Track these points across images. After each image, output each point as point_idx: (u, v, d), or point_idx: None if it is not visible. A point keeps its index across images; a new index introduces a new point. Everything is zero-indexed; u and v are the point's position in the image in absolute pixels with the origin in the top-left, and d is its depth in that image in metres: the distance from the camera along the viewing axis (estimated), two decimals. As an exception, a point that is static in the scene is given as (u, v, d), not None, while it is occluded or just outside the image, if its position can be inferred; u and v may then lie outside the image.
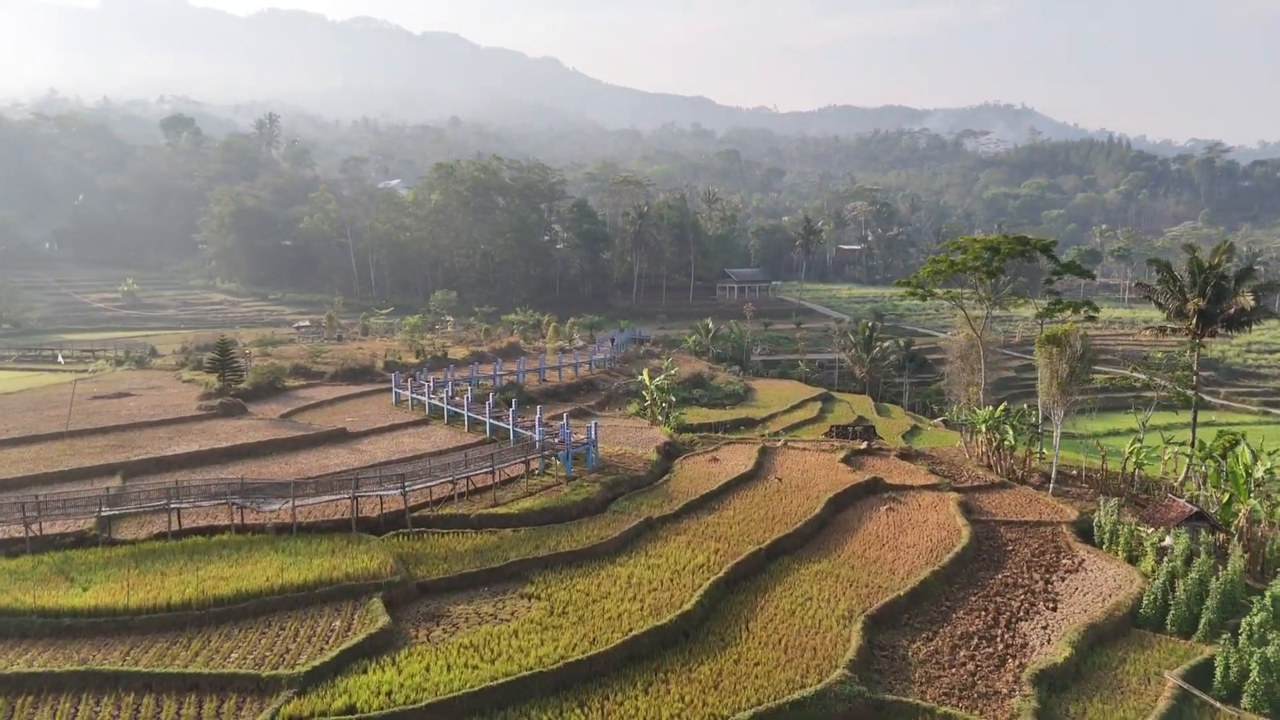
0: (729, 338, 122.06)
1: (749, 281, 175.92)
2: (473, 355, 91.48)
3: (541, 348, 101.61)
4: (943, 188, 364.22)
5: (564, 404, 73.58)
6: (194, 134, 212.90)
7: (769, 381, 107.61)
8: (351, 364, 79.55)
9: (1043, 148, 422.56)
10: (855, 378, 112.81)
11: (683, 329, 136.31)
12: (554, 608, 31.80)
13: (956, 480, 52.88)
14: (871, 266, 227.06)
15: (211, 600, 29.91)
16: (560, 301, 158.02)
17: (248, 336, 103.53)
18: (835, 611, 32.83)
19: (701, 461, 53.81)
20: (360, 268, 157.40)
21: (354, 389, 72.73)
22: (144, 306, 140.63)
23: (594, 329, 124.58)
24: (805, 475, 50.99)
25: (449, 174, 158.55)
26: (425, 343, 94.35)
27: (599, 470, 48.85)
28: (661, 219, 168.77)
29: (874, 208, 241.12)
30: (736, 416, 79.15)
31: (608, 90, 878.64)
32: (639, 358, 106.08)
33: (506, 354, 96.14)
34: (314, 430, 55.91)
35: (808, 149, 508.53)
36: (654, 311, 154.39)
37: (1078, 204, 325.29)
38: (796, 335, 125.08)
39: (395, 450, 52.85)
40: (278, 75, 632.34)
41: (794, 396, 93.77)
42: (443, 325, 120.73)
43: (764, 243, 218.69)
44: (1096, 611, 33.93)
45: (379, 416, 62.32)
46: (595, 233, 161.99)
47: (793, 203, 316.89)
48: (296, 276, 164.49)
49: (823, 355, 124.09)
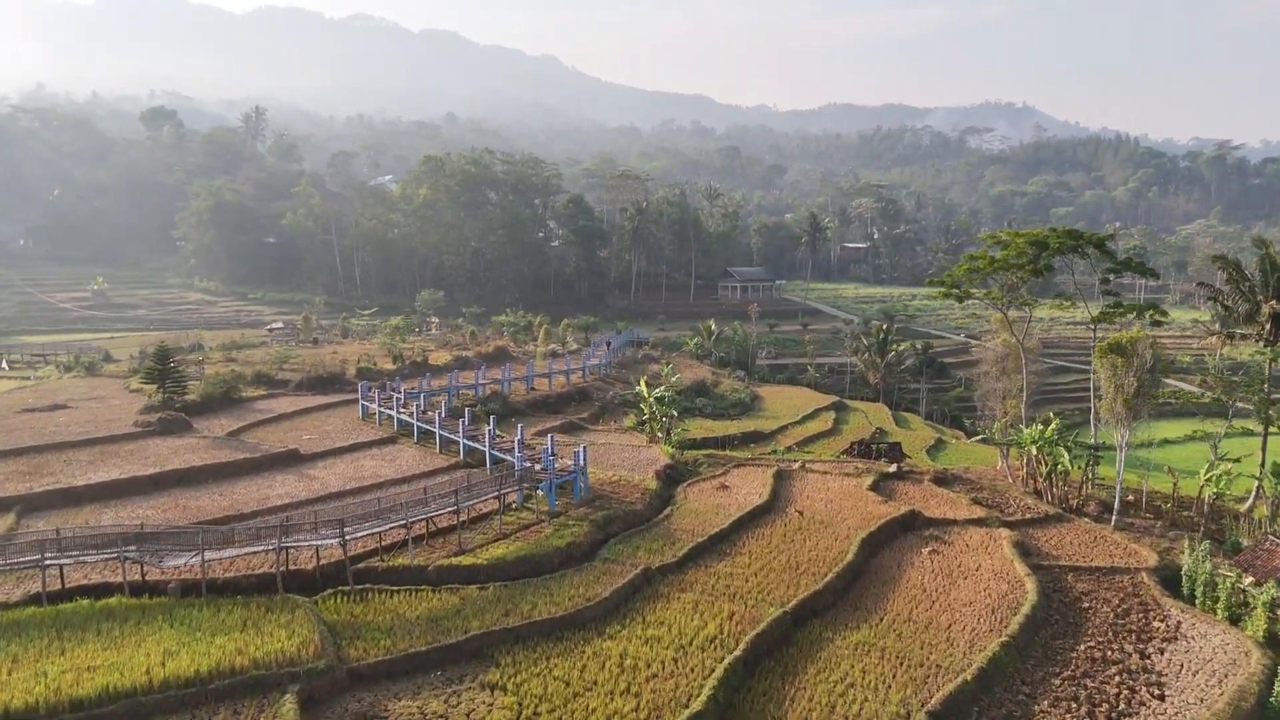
0: (732, 340, 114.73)
1: (752, 280, 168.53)
2: (456, 361, 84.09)
3: (532, 352, 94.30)
4: (947, 185, 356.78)
5: (553, 416, 66.22)
6: (176, 127, 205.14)
7: (776, 388, 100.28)
8: (320, 371, 72.11)
9: (1048, 145, 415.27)
10: (869, 384, 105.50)
11: (683, 330, 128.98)
12: (523, 706, 24.41)
13: (1004, 511, 45.56)
14: (878, 265, 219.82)
15: (66, 704, 22.48)
16: (555, 301, 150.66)
17: (216, 339, 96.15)
18: (887, 705, 25.49)
19: (708, 489, 46.44)
20: (345, 266, 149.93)
21: (320, 400, 65.35)
22: (114, 307, 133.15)
23: (589, 331, 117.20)
24: (830, 507, 43.63)
25: (438, 167, 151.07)
26: (405, 347, 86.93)
27: (588, 503, 41.47)
28: (661, 215, 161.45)
29: (879, 205, 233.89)
30: (744, 429, 71.84)
31: (607, 89, 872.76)
32: (637, 362, 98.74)
33: (493, 359, 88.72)
34: (261, 452, 48.47)
35: (809, 146, 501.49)
36: (653, 312, 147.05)
37: (1086, 202, 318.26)
38: (805, 338, 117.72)
39: (352, 476, 45.48)
40: (274, 73, 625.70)
41: (805, 405, 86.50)
42: (428, 327, 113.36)
43: (766, 241, 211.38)
44: (1217, 701, 26.60)
45: (341, 433, 54.93)
46: (592, 229, 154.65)
47: (795, 200, 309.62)
48: (279, 275, 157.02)
49: (832, 359, 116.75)
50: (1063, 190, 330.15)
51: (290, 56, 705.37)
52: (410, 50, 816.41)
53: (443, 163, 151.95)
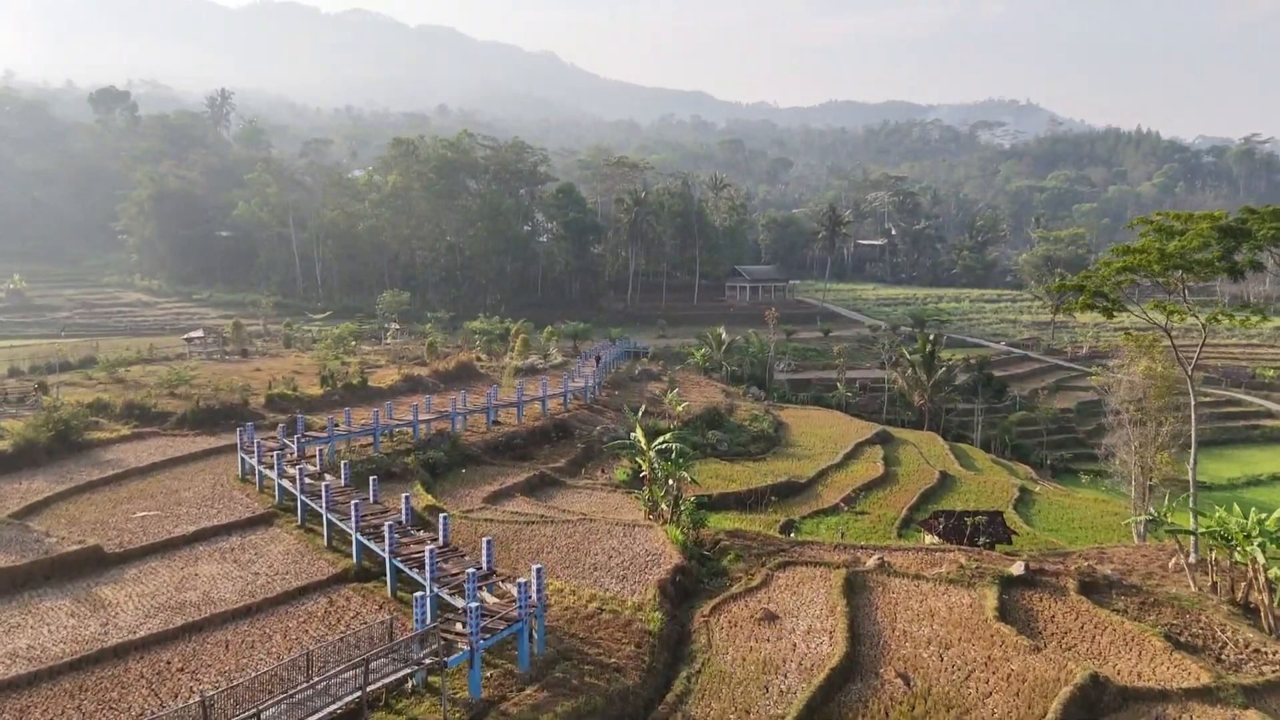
0: (746, 351, 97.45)
1: (763, 280, 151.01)
2: (405, 382, 66.68)
3: (504, 367, 76.84)
4: (961, 180, 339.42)
5: (515, 467, 48.94)
6: (129, 110, 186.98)
7: (802, 411, 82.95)
8: (216, 401, 54.74)
9: (1065, 139, 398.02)
10: (910, 405, 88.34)
11: (688, 338, 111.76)
12: None
13: (1221, 657, 28.34)
14: (895, 264, 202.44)
15: None
16: (542, 304, 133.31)
17: (120, 349, 78.62)
18: None
19: (744, 620, 29.06)
20: (304, 263, 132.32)
21: (201, 444, 48.00)
22: (31, 309, 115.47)
23: (578, 339, 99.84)
24: (948, 662, 26.31)
25: (410, 151, 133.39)
26: (341, 364, 69.45)
27: (544, 672, 24.10)
28: (662, 207, 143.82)
29: (896, 199, 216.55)
30: (774, 476, 54.73)
31: (605, 85, 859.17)
32: (634, 380, 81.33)
33: (455, 378, 71.38)
34: (40, 551, 31.03)
35: (812, 141, 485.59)
36: (652, 315, 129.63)
37: (1110, 197, 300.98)
38: (835, 349, 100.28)
39: (168, 602, 28.15)
40: (268, 67, 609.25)
41: (841, 437, 69.31)
42: (389, 334, 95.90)
43: (775, 237, 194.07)
44: None
45: (201, 506, 37.58)
46: (584, 222, 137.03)
47: (802, 195, 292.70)
48: (233, 273, 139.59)
49: (863, 373, 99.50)
50: (1084, 185, 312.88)
51: (284, 51, 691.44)
52: (407, 45, 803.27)
53: (415, 146, 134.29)
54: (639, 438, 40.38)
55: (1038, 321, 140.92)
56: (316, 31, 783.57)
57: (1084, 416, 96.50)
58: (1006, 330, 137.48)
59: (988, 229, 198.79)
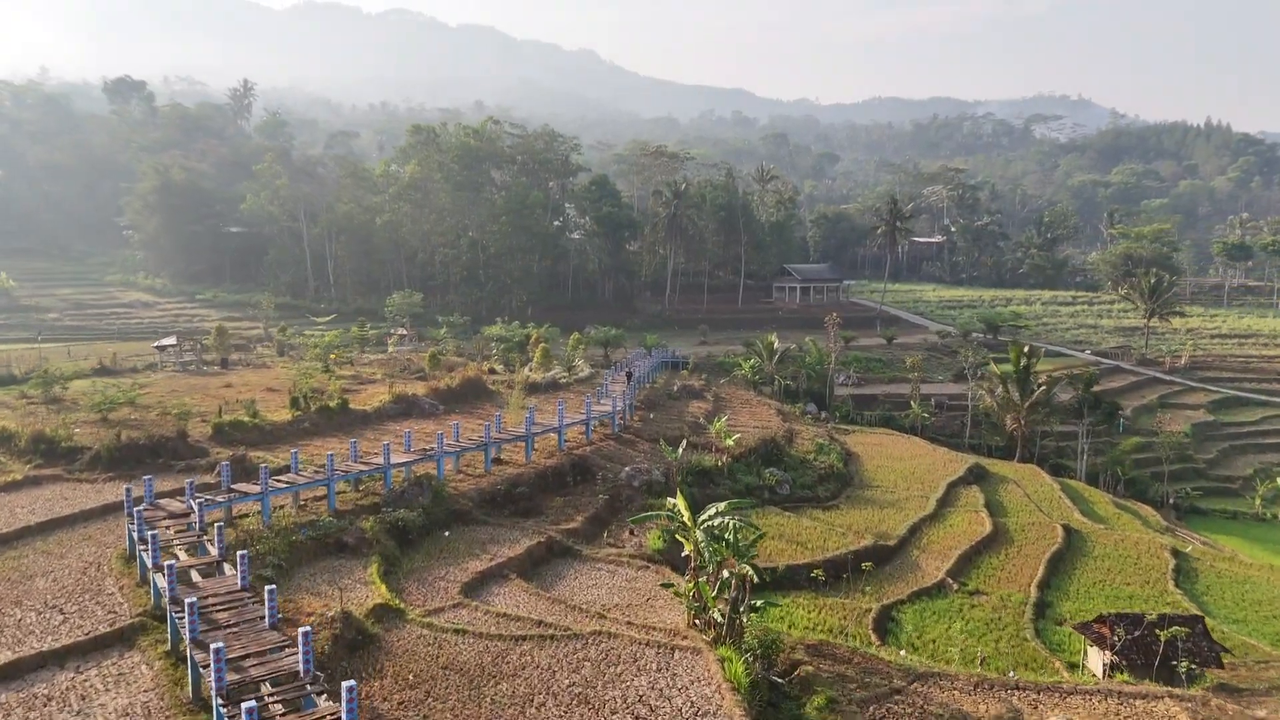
0: (802, 362, 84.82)
1: (814, 280, 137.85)
2: (395, 403, 55.13)
3: (526, 380, 65.03)
4: (1018, 175, 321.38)
5: (517, 527, 36.95)
6: (145, 100, 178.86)
7: (872, 437, 70.13)
8: (144, 434, 43.58)
9: (1128, 132, 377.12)
10: (997, 427, 75.08)
11: (732, 344, 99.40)
12: None
13: None
14: (954, 263, 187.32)
15: None
16: (573, 305, 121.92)
17: (84, 358, 68.36)
18: None
19: None
20: (316, 261, 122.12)
21: (107, 495, 36.63)
22: (18, 310, 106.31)
23: (609, 346, 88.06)
24: None
25: (430, 139, 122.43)
26: (319, 381, 58.13)
27: None
28: (704, 200, 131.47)
29: (955, 193, 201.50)
30: (855, 537, 42.16)
31: (644, 82, 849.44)
32: (671, 399, 69.07)
33: (459, 397, 59.78)
34: None
35: (858, 137, 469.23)
36: (693, 319, 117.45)
37: (1182, 193, 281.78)
38: (907, 361, 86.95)
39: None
40: (308, 67, 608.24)
41: (928, 474, 56.51)
42: (393, 341, 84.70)
43: (825, 234, 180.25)
44: None
45: (46, 606, 26.09)
46: (619, 217, 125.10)
47: (850, 191, 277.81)
48: (244, 272, 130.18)
49: (935, 388, 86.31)
50: (1153, 180, 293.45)
51: (325, 51, 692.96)
52: (447, 44, 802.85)
53: (436, 134, 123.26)
54: (680, 509, 28.15)
55: (1121, 327, 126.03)
56: (357, 31, 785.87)
57: (1201, 442, 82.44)
58: (1088, 337, 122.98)
59: (1057, 225, 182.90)
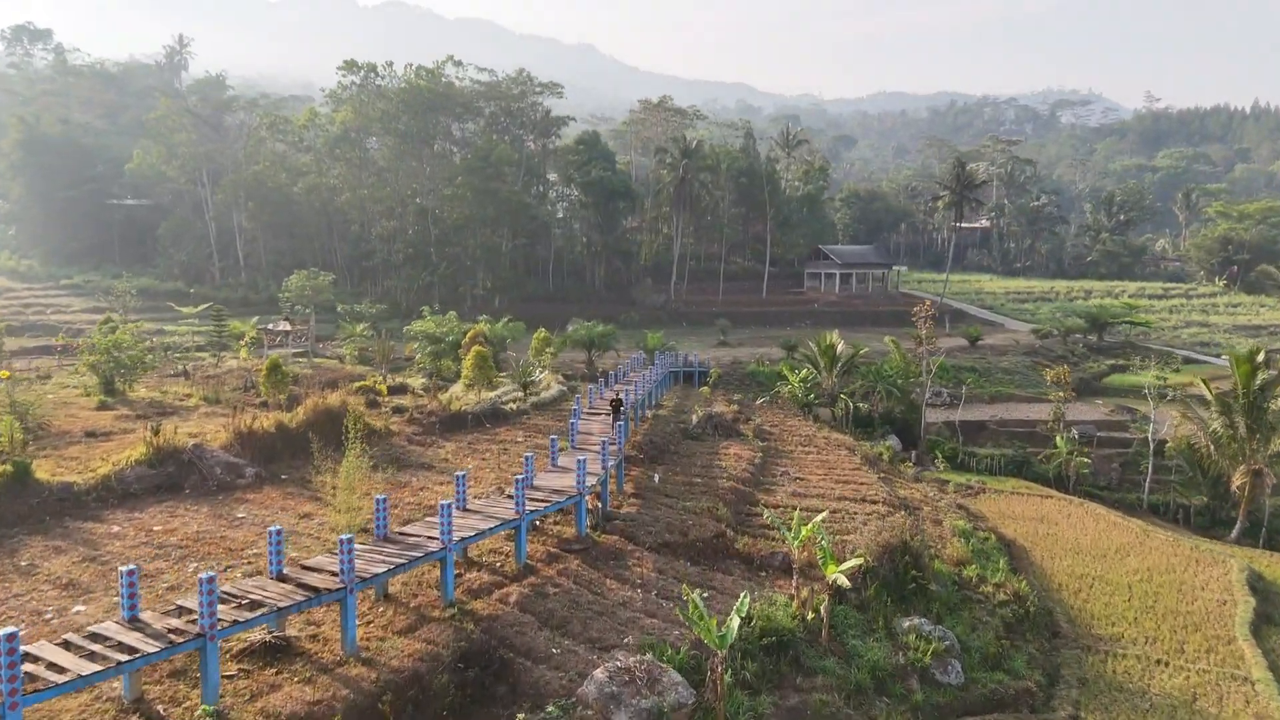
0: (878, 373, 57.10)
1: (856, 265, 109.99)
2: (154, 463, 27.74)
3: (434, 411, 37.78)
4: (1052, 160, 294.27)
5: None
6: (54, 52, 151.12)
7: (1016, 504, 42.35)
8: None
9: (1167, 116, 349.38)
10: (1200, 480, 47.54)
11: (761, 343, 72.23)
12: None
13: None
14: (1006, 250, 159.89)
15: None
16: (555, 296, 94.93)
17: None
18: None
19: None
20: (223, 236, 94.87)
21: None
22: None
23: (595, 349, 60.75)
24: None
25: (369, 82, 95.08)
26: (37, 414, 30.83)
27: None
28: (718, 163, 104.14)
29: (1004, 168, 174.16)
30: None
31: (645, 76, 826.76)
32: (690, 438, 41.56)
33: (296, 445, 32.18)
34: None
35: (869, 125, 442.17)
36: (705, 313, 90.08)
37: (1237, 178, 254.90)
38: (1050, 376, 58.66)
39: None
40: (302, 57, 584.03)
41: (1176, 595, 28.80)
42: (273, 341, 57.45)
43: (856, 216, 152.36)
44: None
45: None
46: (612, 183, 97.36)
47: (870, 177, 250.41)
48: (138, 250, 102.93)
49: (1040, 409, 58.16)
50: (1204, 164, 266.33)
51: (319, 39, 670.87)
52: (444, 37, 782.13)
53: (375, 74, 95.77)
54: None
55: (1239, 325, 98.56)
56: (353, 21, 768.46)
57: None
58: (1206, 337, 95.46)
59: (1130, 205, 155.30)
